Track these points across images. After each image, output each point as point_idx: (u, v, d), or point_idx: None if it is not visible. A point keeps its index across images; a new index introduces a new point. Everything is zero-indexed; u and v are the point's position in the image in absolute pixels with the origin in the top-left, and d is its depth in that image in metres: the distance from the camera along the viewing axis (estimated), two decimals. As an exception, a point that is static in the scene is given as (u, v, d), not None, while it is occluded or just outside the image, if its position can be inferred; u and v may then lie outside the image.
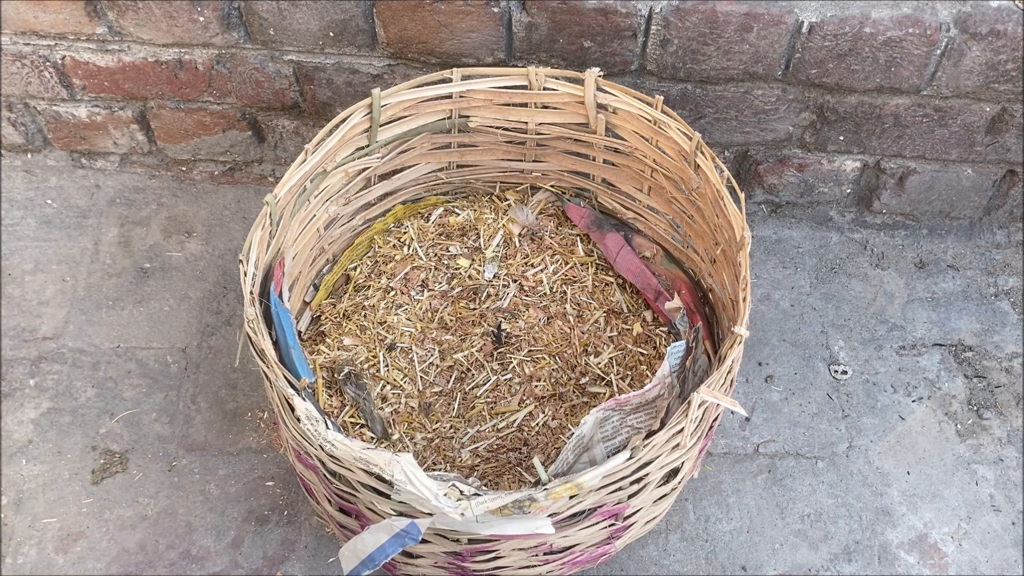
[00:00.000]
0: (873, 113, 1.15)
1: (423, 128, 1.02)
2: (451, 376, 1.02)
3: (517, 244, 1.12)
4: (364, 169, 1.01)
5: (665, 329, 1.05)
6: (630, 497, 0.77)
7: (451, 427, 0.99)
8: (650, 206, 1.06)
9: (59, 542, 1.02)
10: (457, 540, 0.76)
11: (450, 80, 0.99)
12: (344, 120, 0.95)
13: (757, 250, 1.28)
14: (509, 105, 1.02)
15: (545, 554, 0.81)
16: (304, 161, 0.90)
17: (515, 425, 0.98)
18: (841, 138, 1.19)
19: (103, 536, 1.03)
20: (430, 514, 0.70)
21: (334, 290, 1.08)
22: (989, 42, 1.06)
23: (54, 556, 1.01)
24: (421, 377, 1.01)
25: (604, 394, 1.01)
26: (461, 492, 0.66)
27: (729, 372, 0.77)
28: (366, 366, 1.01)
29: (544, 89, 0.99)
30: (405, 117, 1.00)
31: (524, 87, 1.00)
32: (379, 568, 0.89)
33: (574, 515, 0.75)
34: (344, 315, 1.05)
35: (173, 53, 1.18)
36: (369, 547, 0.75)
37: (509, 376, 1.02)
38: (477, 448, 0.96)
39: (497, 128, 1.04)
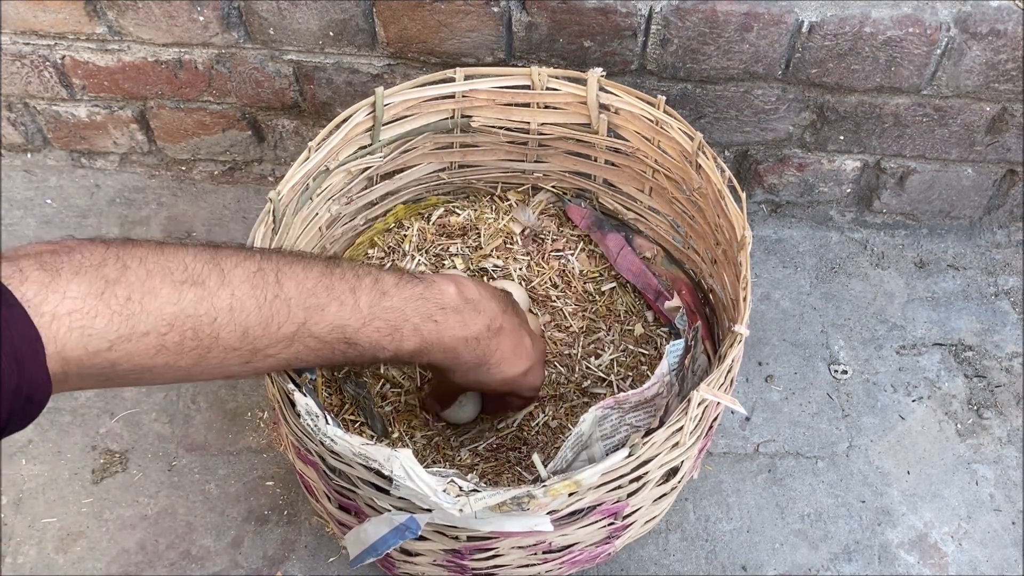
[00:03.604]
0: (873, 113, 1.16)
1: (426, 128, 1.02)
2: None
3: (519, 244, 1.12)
4: (366, 168, 1.01)
5: (666, 330, 1.05)
6: (629, 496, 0.77)
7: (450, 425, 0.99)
8: (651, 207, 1.06)
9: (59, 542, 1.02)
10: (456, 537, 0.76)
11: (452, 80, 0.99)
12: (347, 119, 0.94)
13: (757, 250, 1.28)
14: (511, 105, 1.02)
15: (544, 552, 0.80)
16: (307, 159, 0.90)
17: (515, 425, 0.98)
18: (841, 138, 1.19)
19: (103, 536, 1.03)
20: (429, 509, 0.70)
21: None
22: (989, 42, 1.06)
23: (54, 556, 1.01)
24: (421, 375, 1.01)
25: (604, 395, 1.00)
26: (460, 488, 0.66)
27: (729, 371, 0.77)
28: (366, 365, 1.01)
29: (547, 89, 0.99)
30: (408, 116, 1.00)
31: (527, 87, 1.00)
32: (379, 568, 0.89)
33: (573, 513, 0.75)
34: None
35: (173, 53, 1.18)
36: (371, 537, 0.75)
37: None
38: (477, 447, 0.96)
39: (499, 128, 1.04)
